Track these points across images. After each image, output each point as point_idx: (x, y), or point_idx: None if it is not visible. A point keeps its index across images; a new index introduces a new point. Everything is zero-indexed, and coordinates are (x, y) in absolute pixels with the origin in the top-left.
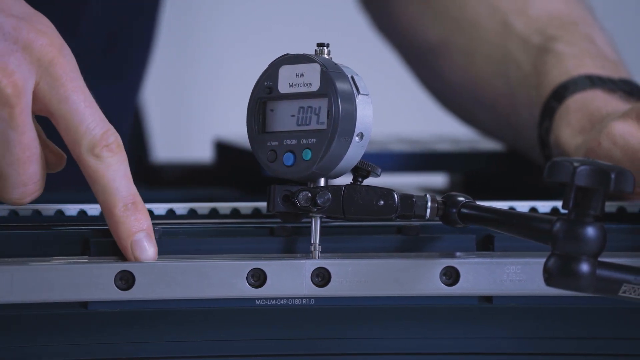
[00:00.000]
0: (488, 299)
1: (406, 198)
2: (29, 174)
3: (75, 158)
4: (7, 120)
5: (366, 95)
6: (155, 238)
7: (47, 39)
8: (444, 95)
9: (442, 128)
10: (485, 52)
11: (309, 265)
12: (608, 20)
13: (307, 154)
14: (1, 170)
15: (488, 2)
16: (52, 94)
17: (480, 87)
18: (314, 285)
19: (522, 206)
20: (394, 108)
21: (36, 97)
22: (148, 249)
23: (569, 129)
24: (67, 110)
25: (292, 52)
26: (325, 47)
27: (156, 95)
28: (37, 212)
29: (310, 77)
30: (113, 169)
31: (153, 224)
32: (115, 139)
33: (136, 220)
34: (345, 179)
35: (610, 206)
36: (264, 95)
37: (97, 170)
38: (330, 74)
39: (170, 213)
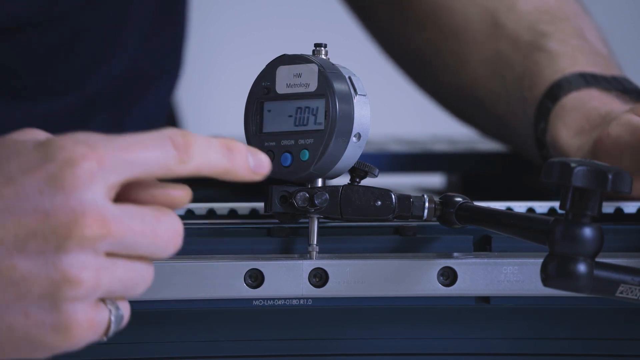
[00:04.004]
0: (485, 299)
1: (404, 198)
2: None
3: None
4: None
5: (364, 95)
6: None
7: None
8: (440, 98)
9: (440, 128)
10: (478, 54)
11: (306, 266)
12: (608, 20)
13: (305, 155)
14: None
15: (475, 2)
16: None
17: (476, 89)
18: (311, 286)
19: (520, 207)
20: (392, 109)
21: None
22: (262, 159)
23: (566, 129)
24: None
25: (290, 52)
26: (322, 48)
27: None
28: None
29: (308, 78)
30: (196, 159)
31: None
32: (177, 138)
33: (240, 152)
34: (343, 180)
35: (608, 207)
36: (262, 96)
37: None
38: (328, 74)
39: None
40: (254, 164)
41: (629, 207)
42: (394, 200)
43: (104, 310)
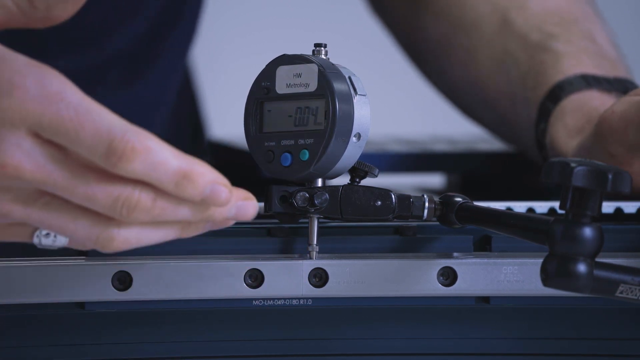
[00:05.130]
0: (485, 299)
1: (403, 198)
2: None
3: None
4: None
5: (364, 95)
6: None
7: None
8: (448, 93)
9: (440, 128)
10: (487, 50)
11: (306, 266)
12: (610, 19)
13: (305, 155)
14: None
15: None
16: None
17: (482, 85)
18: (311, 286)
19: (520, 207)
20: (392, 108)
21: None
22: (248, 208)
23: (565, 130)
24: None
25: (290, 52)
26: (322, 48)
27: None
28: None
29: (308, 78)
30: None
31: None
32: (116, 144)
33: (195, 188)
34: (343, 180)
35: (608, 207)
36: (262, 96)
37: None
38: (328, 74)
39: None
40: (208, 193)
41: (629, 207)
42: (394, 200)
43: (27, 228)
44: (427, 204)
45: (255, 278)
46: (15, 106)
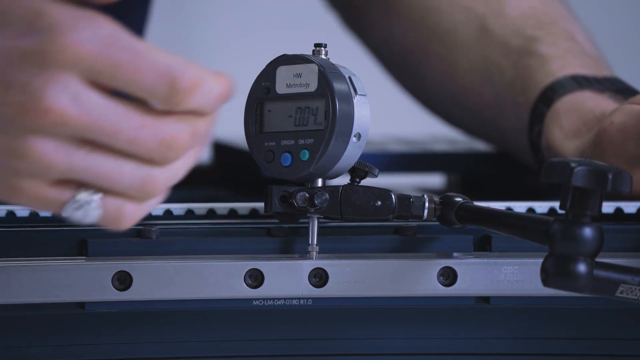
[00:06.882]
0: (485, 299)
1: (403, 198)
2: None
3: None
4: None
5: (364, 95)
6: (152, 238)
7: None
8: (427, 102)
9: (439, 128)
10: (466, 59)
11: (306, 266)
12: (608, 20)
13: (305, 155)
14: None
15: (463, 6)
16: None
17: (464, 94)
18: (311, 286)
19: (520, 207)
20: (392, 108)
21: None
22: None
23: (562, 132)
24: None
25: (290, 52)
26: (322, 48)
27: None
28: (34, 213)
29: (308, 78)
30: None
31: (150, 224)
32: (185, 83)
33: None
34: (343, 180)
35: (608, 207)
36: (262, 96)
37: None
38: (328, 74)
39: (168, 213)
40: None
41: (629, 207)
42: (394, 200)
43: (64, 192)
44: (427, 204)
45: (255, 278)
46: (66, 49)
